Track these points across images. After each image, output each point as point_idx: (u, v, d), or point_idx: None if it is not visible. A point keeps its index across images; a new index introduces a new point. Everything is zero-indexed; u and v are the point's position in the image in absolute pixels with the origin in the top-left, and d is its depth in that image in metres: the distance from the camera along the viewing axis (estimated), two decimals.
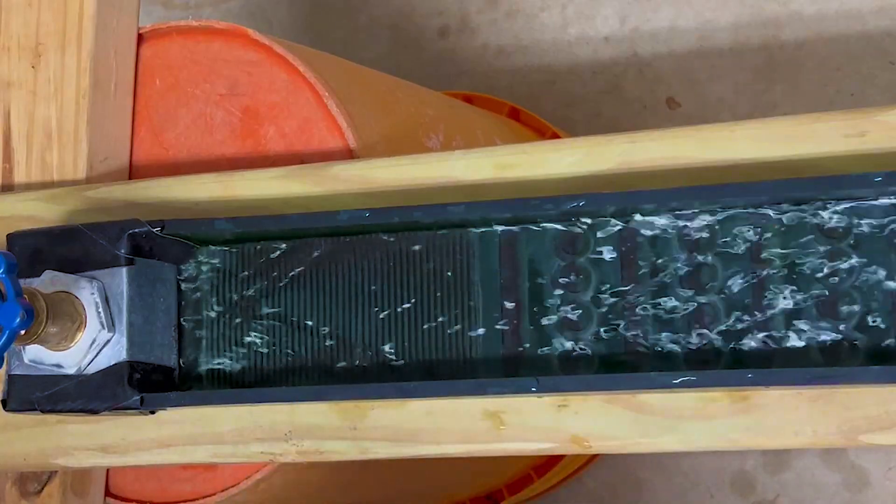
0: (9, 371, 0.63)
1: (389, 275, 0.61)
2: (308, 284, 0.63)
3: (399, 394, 0.60)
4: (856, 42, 1.21)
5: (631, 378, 0.56)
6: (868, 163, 0.56)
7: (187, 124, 0.75)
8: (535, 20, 1.32)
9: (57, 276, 0.62)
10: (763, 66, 1.24)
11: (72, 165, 0.73)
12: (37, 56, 0.75)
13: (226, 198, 0.66)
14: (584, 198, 0.57)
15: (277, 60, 0.74)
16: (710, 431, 0.57)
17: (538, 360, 0.59)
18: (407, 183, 0.63)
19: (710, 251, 0.57)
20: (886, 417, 0.55)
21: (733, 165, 0.57)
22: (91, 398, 0.61)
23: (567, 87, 1.30)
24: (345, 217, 0.60)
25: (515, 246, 0.60)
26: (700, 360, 0.57)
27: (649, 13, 1.28)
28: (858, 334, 0.55)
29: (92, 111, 0.74)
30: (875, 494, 1.19)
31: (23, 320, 0.57)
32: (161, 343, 0.63)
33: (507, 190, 0.61)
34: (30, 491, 0.72)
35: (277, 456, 0.64)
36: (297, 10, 1.41)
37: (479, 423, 0.60)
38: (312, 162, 0.67)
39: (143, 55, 0.77)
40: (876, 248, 0.55)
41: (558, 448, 0.60)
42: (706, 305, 0.57)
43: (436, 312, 0.61)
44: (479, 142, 0.98)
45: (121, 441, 0.66)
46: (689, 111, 1.26)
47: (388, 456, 0.62)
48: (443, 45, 1.35)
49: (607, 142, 0.60)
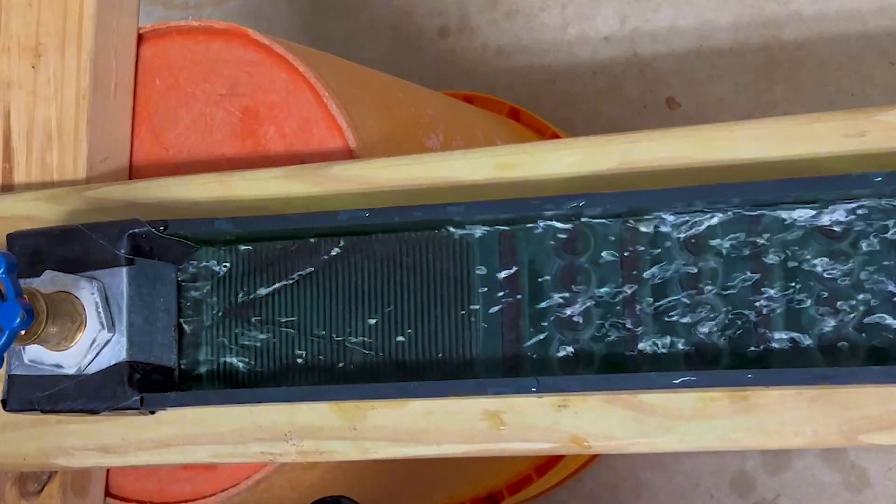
0: (9, 371, 0.63)
1: (389, 275, 0.61)
2: (308, 284, 0.63)
3: (399, 394, 0.60)
4: (856, 42, 1.21)
5: (631, 378, 0.56)
6: (868, 163, 0.56)
7: (187, 124, 0.75)
8: (535, 20, 1.32)
9: (57, 276, 0.62)
10: (763, 66, 1.24)
11: (72, 165, 0.73)
12: (37, 56, 0.75)
13: (226, 198, 0.66)
14: (584, 198, 0.57)
15: (277, 60, 0.74)
16: (710, 431, 0.57)
17: (538, 360, 0.59)
18: (407, 183, 0.63)
19: (709, 251, 0.57)
20: (886, 417, 0.55)
21: (733, 165, 0.57)
22: (91, 398, 0.61)
23: (567, 87, 1.30)
24: (345, 217, 0.60)
25: (515, 246, 0.60)
26: (700, 360, 0.57)
27: (649, 13, 1.28)
28: (858, 334, 0.55)
29: (92, 111, 0.74)
30: (875, 494, 1.19)
31: (23, 320, 0.57)
32: (161, 343, 0.63)
33: (507, 190, 0.61)
34: (30, 491, 0.72)
35: (277, 456, 0.64)
36: (297, 9, 1.41)
37: (479, 423, 0.60)
38: (312, 162, 0.67)
39: (143, 55, 0.77)
40: (876, 249, 0.55)
41: (558, 448, 0.60)
42: (706, 305, 0.57)
43: (436, 312, 0.61)
44: (479, 142, 0.98)
45: (121, 441, 0.66)
46: (689, 111, 1.26)
47: (388, 456, 0.62)
48: (443, 45, 1.35)
49: (607, 142, 0.60)
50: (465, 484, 1.13)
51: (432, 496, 1.09)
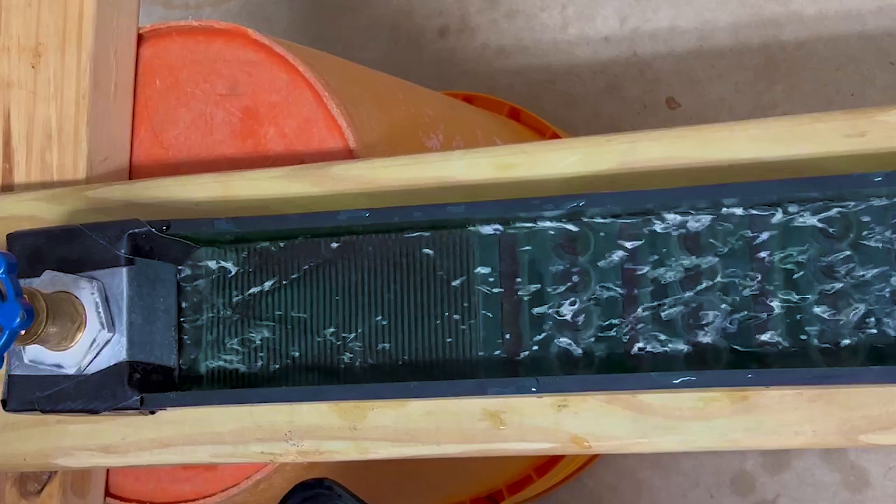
0: (9, 371, 0.63)
1: (389, 275, 0.61)
2: (308, 284, 0.63)
3: (399, 394, 0.60)
4: (856, 42, 1.21)
5: (631, 378, 0.56)
6: (868, 163, 0.56)
7: (187, 124, 0.75)
8: (535, 20, 1.32)
9: (57, 276, 0.62)
10: (763, 66, 1.24)
11: (72, 165, 0.73)
12: (37, 56, 0.75)
13: (226, 198, 0.66)
14: (584, 198, 0.57)
15: (277, 60, 0.74)
16: (710, 431, 0.57)
17: (538, 360, 0.59)
18: (407, 183, 0.63)
19: (709, 251, 0.57)
20: (886, 417, 0.55)
21: (733, 165, 0.57)
22: (91, 398, 0.61)
23: (567, 87, 1.30)
24: (345, 217, 0.60)
25: (515, 246, 0.60)
26: (700, 360, 0.57)
27: (649, 13, 1.28)
28: (858, 334, 0.55)
29: (92, 111, 0.74)
30: (875, 494, 1.19)
31: (23, 320, 0.57)
32: (161, 343, 0.63)
33: (507, 190, 0.61)
34: (30, 491, 0.72)
35: (277, 456, 0.64)
36: (297, 9, 1.41)
37: (479, 423, 0.60)
38: (312, 162, 0.67)
39: (143, 55, 0.77)
40: (876, 248, 0.55)
41: (558, 448, 0.60)
42: (706, 305, 0.57)
43: (436, 312, 0.61)
44: (479, 142, 0.98)
45: (121, 441, 0.66)
46: (689, 111, 1.26)
47: (388, 456, 0.62)
48: (443, 45, 1.35)
49: (607, 142, 0.60)
50: (464, 484, 1.13)
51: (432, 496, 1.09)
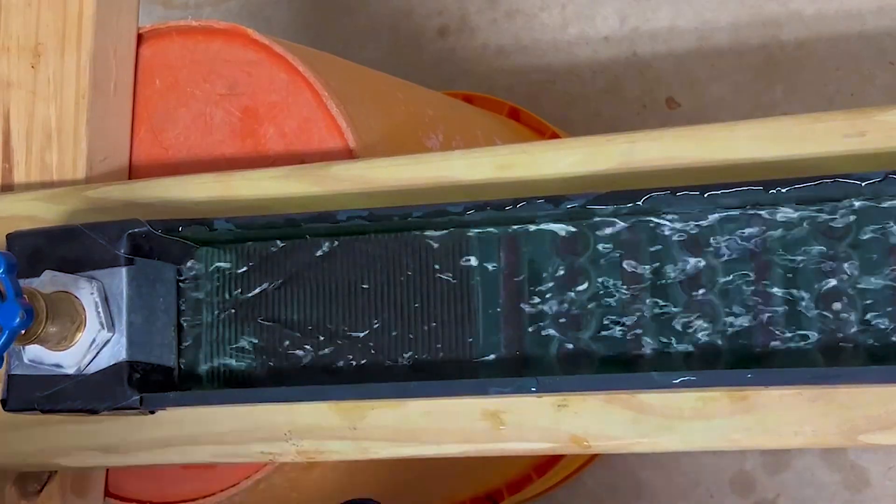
0: (9, 371, 0.63)
1: (389, 275, 0.61)
2: (307, 284, 0.63)
3: (399, 394, 0.60)
4: (856, 42, 1.21)
5: (631, 378, 0.56)
6: (868, 163, 0.56)
7: (187, 124, 0.75)
8: (534, 20, 1.32)
9: (57, 275, 0.62)
10: (763, 66, 1.24)
11: (71, 165, 0.73)
12: (37, 56, 0.75)
13: (225, 198, 0.66)
14: (584, 198, 0.57)
15: (277, 60, 0.74)
16: (710, 431, 0.57)
17: (538, 360, 0.59)
18: (407, 183, 0.63)
19: (709, 251, 0.57)
20: (886, 417, 0.55)
21: (733, 165, 0.57)
22: (91, 398, 0.61)
23: (567, 87, 1.30)
24: (344, 217, 0.60)
25: (515, 246, 0.60)
26: (700, 360, 0.57)
27: (649, 13, 1.28)
28: (858, 334, 0.55)
29: (92, 111, 0.74)
30: (875, 494, 1.19)
31: (23, 320, 0.57)
32: (161, 343, 0.63)
33: (507, 190, 0.61)
34: (30, 491, 0.72)
35: (277, 456, 0.64)
36: (297, 9, 1.41)
37: (479, 423, 0.60)
38: (312, 162, 0.67)
39: (143, 55, 0.77)
40: (876, 249, 0.55)
41: (558, 448, 0.60)
42: (706, 305, 0.57)
43: (436, 312, 0.61)
44: (479, 142, 0.98)
45: (121, 441, 0.66)
46: (689, 111, 1.26)
47: (388, 456, 0.62)
48: (443, 45, 1.35)
49: (607, 142, 0.60)
50: (464, 484, 1.13)
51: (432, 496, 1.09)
